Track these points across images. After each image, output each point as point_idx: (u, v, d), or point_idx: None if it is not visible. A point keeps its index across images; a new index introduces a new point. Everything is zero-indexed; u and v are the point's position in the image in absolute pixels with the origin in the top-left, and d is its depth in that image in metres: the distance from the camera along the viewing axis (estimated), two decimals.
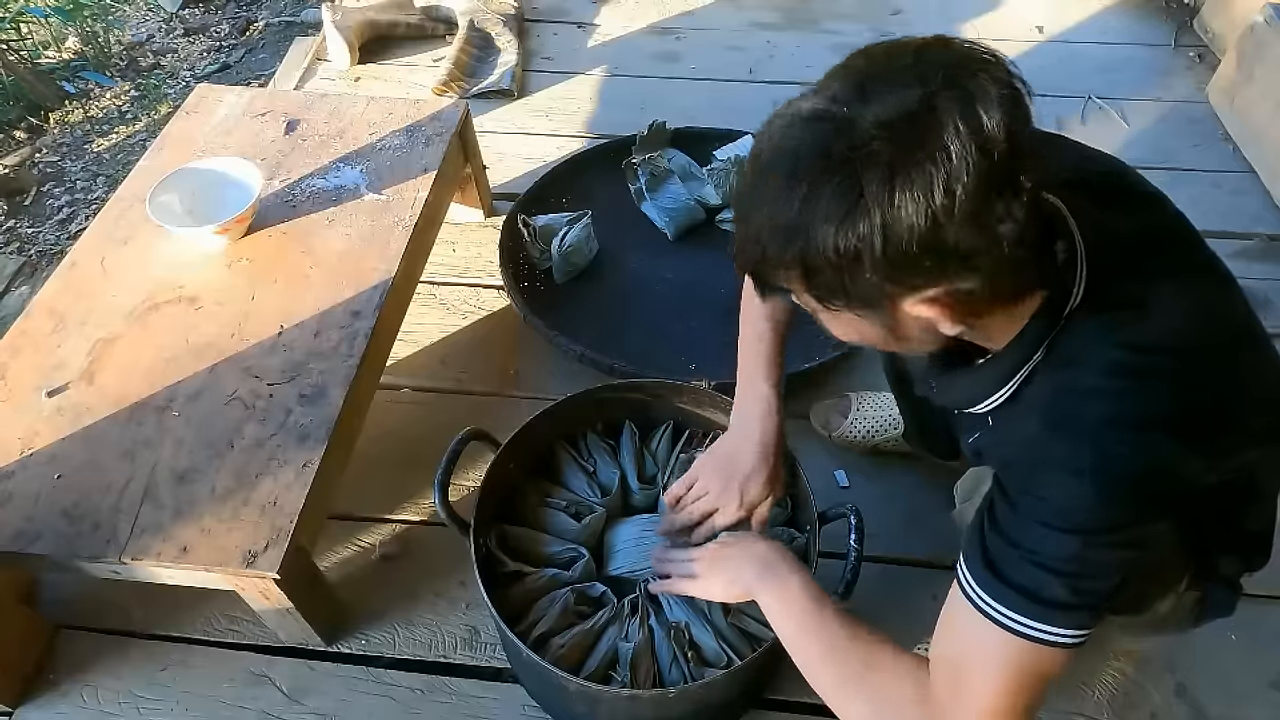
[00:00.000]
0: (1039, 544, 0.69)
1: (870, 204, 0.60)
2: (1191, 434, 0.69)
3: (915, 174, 0.59)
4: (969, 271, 0.64)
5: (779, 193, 0.64)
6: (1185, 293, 0.73)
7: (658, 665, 1.08)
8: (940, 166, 0.59)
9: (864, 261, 0.62)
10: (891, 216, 0.60)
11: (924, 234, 0.60)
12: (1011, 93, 0.61)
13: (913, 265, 0.62)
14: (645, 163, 1.85)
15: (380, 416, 1.44)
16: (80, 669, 1.22)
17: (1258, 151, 1.99)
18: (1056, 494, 0.69)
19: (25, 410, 1.14)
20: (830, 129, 0.62)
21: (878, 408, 1.44)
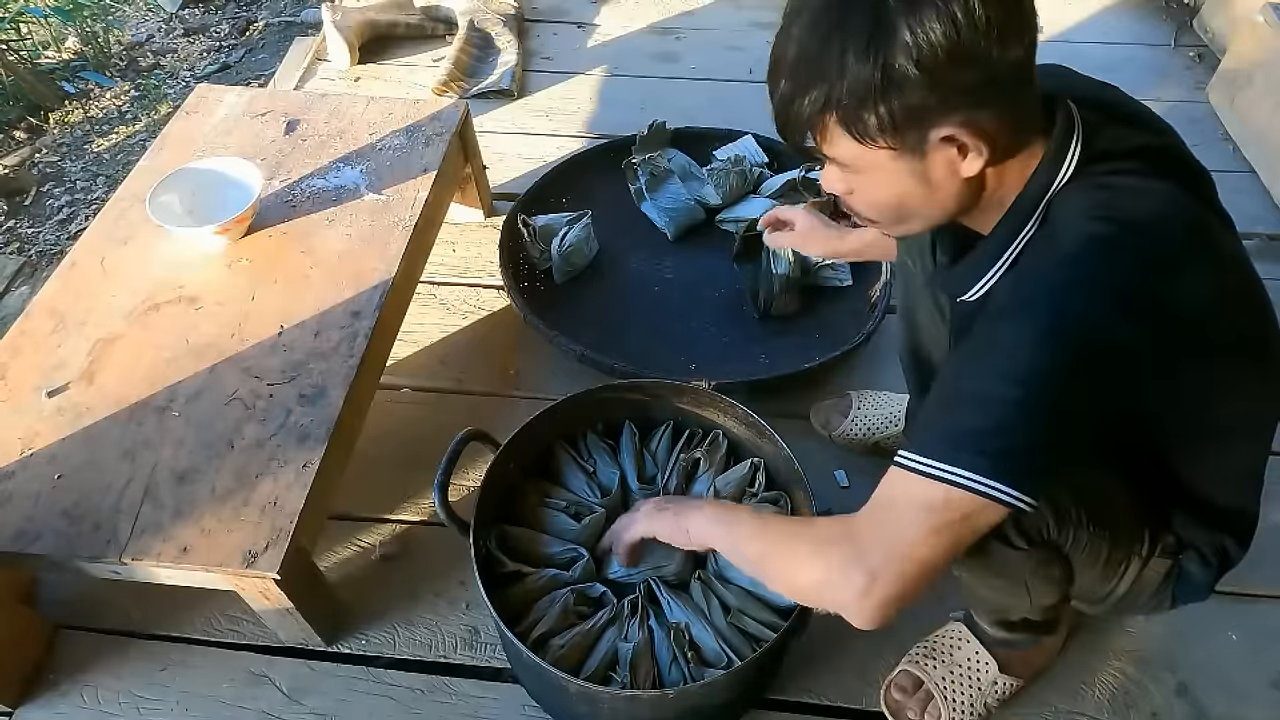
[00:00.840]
0: (974, 387, 0.72)
1: (896, 20, 0.66)
2: (1146, 312, 0.71)
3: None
4: (988, 96, 0.70)
5: (812, 33, 0.70)
6: (1177, 197, 0.74)
7: (657, 666, 1.08)
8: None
9: (896, 78, 0.68)
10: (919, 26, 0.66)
11: (950, 44, 0.66)
12: None
13: (944, 77, 0.67)
14: (645, 163, 1.85)
15: (380, 416, 1.44)
16: (80, 669, 1.22)
17: (1258, 151, 1.99)
18: (1003, 341, 0.72)
19: (25, 410, 1.14)
20: None
21: (878, 407, 1.44)
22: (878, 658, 1.21)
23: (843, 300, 1.69)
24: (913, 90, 0.68)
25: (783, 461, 1.20)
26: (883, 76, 0.68)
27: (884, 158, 0.74)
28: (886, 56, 0.67)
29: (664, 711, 1.07)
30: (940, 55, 0.66)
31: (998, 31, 0.67)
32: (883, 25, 0.67)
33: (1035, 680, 1.19)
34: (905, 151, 0.73)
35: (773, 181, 1.85)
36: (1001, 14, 0.67)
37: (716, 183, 1.81)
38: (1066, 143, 0.76)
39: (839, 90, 0.70)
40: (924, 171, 0.75)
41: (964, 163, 0.73)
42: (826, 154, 0.77)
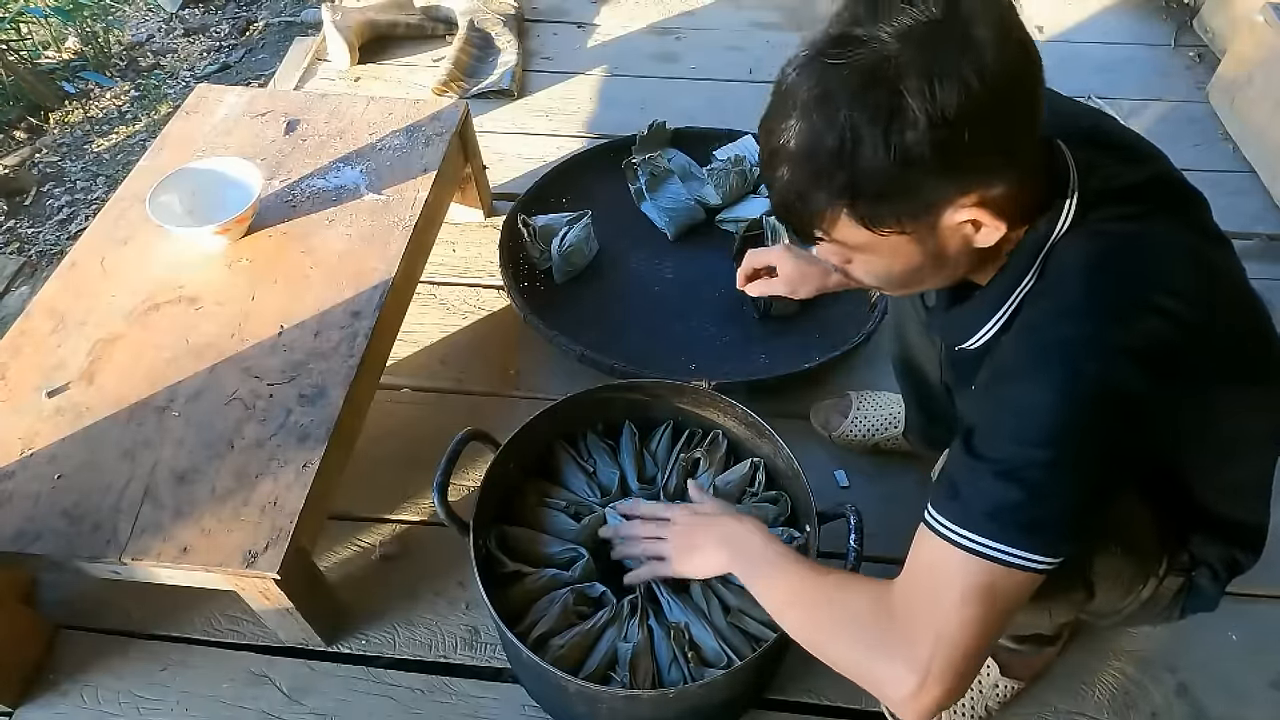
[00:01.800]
0: (1003, 456, 0.70)
1: (913, 105, 0.63)
2: (1159, 365, 0.69)
3: (948, 66, 0.63)
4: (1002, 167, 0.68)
5: (818, 123, 0.67)
6: (1173, 236, 0.74)
7: (657, 665, 1.08)
8: (973, 55, 0.63)
9: (914, 161, 0.65)
10: (935, 114, 0.63)
11: (965, 126, 0.64)
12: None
13: (960, 155, 0.65)
14: (645, 163, 1.85)
15: (380, 416, 1.44)
16: (80, 669, 1.22)
17: (1258, 151, 1.99)
18: (1023, 405, 0.70)
19: (25, 410, 1.14)
20: (858, 49, 0.65)
21: (878, 407, 1.44)
22: None
23: (843, 300, 1.68)
24: (929, 176, 0.67)
25: (783, 461, 1.20)
26: (903, 164, 0.65)
27: (895, 241, 0.72)
28: (904, 143, 0.64)
29: (664, 711, 1.07)
30: (957, 132, 0.64)
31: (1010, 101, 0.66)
32: (899, 110, 0.64)
33: (1035, 681, 1.19)
34: (919, 233, 0.72)
35: None
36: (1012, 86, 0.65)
37: (716, 183, 1.81)
38: (1063, 192, 0.74)
39: (853, 183, 0.68)
40: (937, 248, 0.74)
41: (978, 235, 0.72)
42: (831, 238, 0.75)
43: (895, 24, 0.64)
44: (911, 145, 0.64)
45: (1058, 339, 0.71)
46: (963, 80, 0.63)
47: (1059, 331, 0.71)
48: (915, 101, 0.63)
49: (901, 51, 0.64)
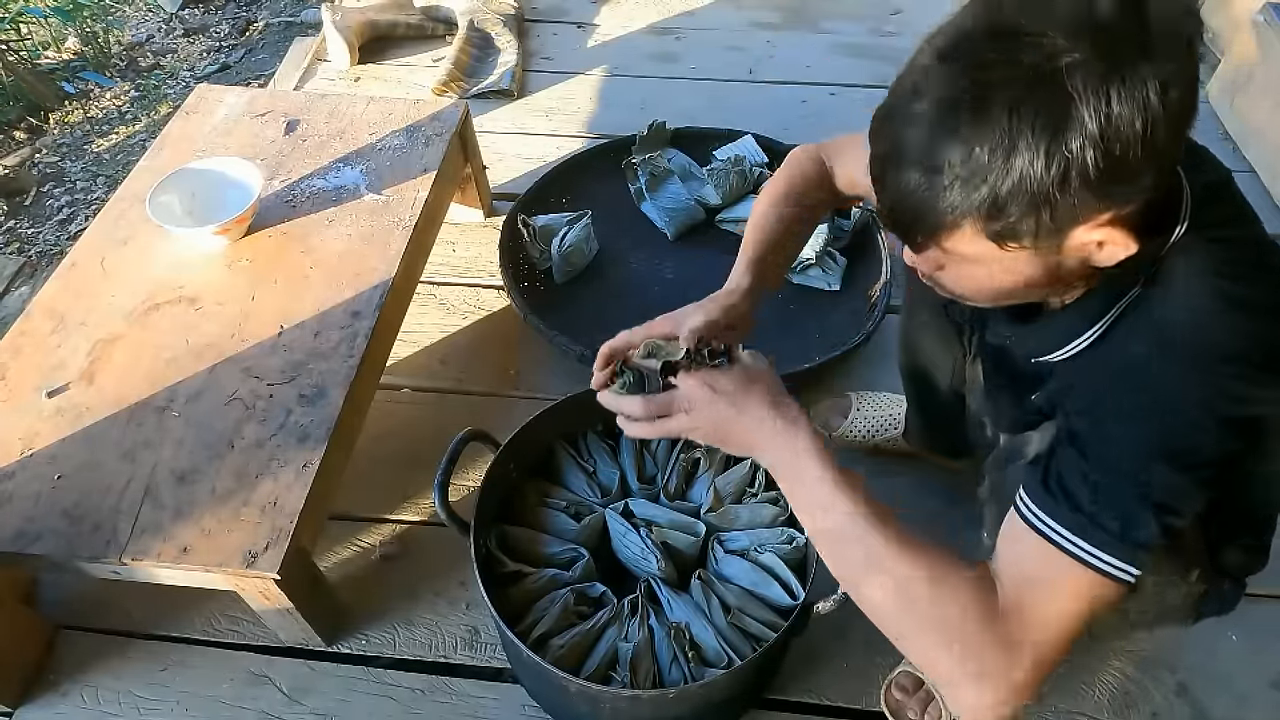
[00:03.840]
0: (1137, 474, 0.66)
1: (1085, 114, 0.56)
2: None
3: (1131, 76, 0.56)
4: (1150, 188, 0.61)
5: (967, 127, 0.59)
6: (1260, 235, 0.72)
7: (658, 665, 1.08)
8: (1156, 65, 0.56)
9: (1071, 180, 0.58)
10: (1110, 126, 0.56)
11: (1138, 142, 0.57)
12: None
13: (1120, 174, 0.59)
14: (645, 163, 1.85)
15: (380, 416, 1.44)
16: (80, 669, 1.22)
17: (1258, 151, 1.99)
18: (1166, 423, 0.66)
19: (25, 410, 1.14)
20: (1017, 44, 0.58)
21: (878, 408, 1.44)
22: (878, 658, 1.21)
23: (843, 300, 1.69)
24: (1082, 195, 0.59)
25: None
26: (1062, 178, 0.58)
27: (1015, 256, 0.65)
28: (1069, 156, 0.57)
29: (664, 711, 1.07)
30: (1125, 151, 0.57)
31: (1186, 119, 0.60)
32: (1069, 118, 0.56)
33: None
34: (1043, 251, 0.65)
35: None
36: (1191, 102, 0.59)
37: (716, 183, 1.81)
38: (1178, 205, 0.70)
39: (996, 199, 0.60)
40: (1055, 265, 0.67)
41: (1101, 253, 0.65)
42: (941, 246, 0.67)
43: (1064, 17, 0.57)
44: (1074, 162, 0.57)
45: (1204, 355, 0.66)
46: (1144, 93, 0.56)
47: (1203, 346, 0.66)
48: (1087, 112, 0.56)
49: (1074, 51, 0.56)
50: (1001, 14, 0.59)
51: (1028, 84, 0.57)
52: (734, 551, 1.17)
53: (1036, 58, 0.57)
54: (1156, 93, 0.56)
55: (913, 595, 0.71)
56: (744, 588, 1.13)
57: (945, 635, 0.70)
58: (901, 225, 0.68)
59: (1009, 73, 0.58)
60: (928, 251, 0.69)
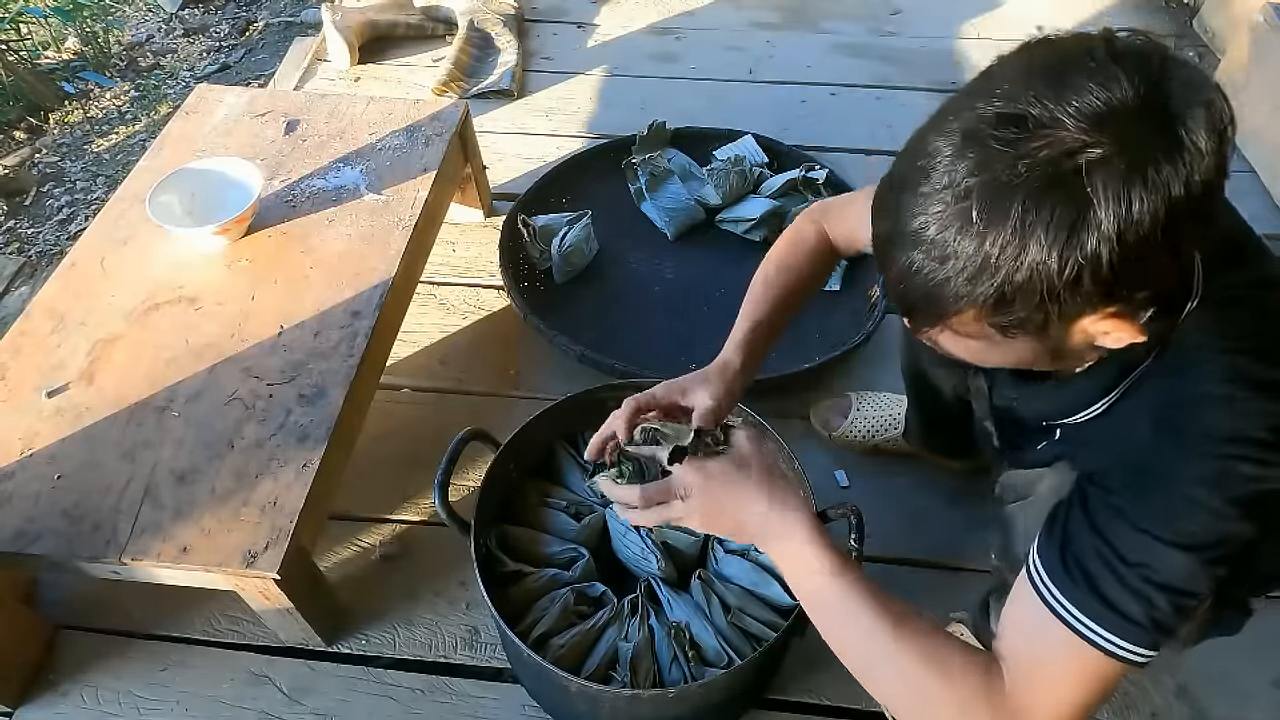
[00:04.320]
0: (1148, 559, 0.65)
1: (1103, 215, 0.53)
2: None
3: (1153, 173, 0.53)
4: (1165, 280, 0.59)
5: (978, 220, 0.56)
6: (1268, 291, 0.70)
7: (658, 665, 1.08)
8: (1181, 162, 0.53)
9: (1084, 281, 0.55)
10: (1127, 227, 0.53)
11: (1155, 242, 0.54)
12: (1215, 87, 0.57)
13: (1133, 277, 0.56)
14: (645, 163, 1.85)
15: (380, 416, 1.44)
16: (80, 669, 1.21)
17: (1258, 151, 1.99)
18: (1177, 506, 0.65)
19: (25, 410, 1.14)
20: (1034, 136, 0.55)
21: (878, 408, 1.44)
22: None
23: (843, 300, 1.69)
24: (1093, 290, 0.56)
25: (783, 461, 1.20)
26: (1074, 279, 0.55)
27: (1017, 343, 0.63)
28: (1081, 258, 0.54)
29: (664, 711, 1.07)
30: (1143, 250, 0.54)
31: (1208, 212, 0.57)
32: (1085, 219, 0.54)
33: None
34: (1048, 337, 0.63)
35: (773, 181, 1.85)
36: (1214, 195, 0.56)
37: (716, 183, 1.81)
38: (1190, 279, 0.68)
39: (1003, 295, 0.57)
40: (1058, 349, 0.66)
41: (1107, 339, 0.63)
42: (945, 325, 0.64)
43: (1083, 107, 0.54)
44: (1087, 263, 0.54)
45: (1207, 434, 0.65)
46: (1164, 196, 0.53)
47: (1208, 425, 0.65)
48: (1105, 213, 0.53)
49: (1092, 145, 0.53)
50: (1017, 100, 0.56)
51: (1045, 181, 0.54)
52: (734, 551, 1.17)
53: (1056, 152, 0.54)
54: (1181, 190, 0.54)
55: (923, 688, 0.71)
56: (744, 587, 1.14)
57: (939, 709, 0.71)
58: (904, 305, 0.65)
59: (1026, 167, 0.55)
60: (929, 331, 0.68)
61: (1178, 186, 0.54)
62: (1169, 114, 0.54)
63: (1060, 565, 0.68)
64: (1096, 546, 0.67)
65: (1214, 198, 0.57)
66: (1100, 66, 0.55)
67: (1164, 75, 0.55)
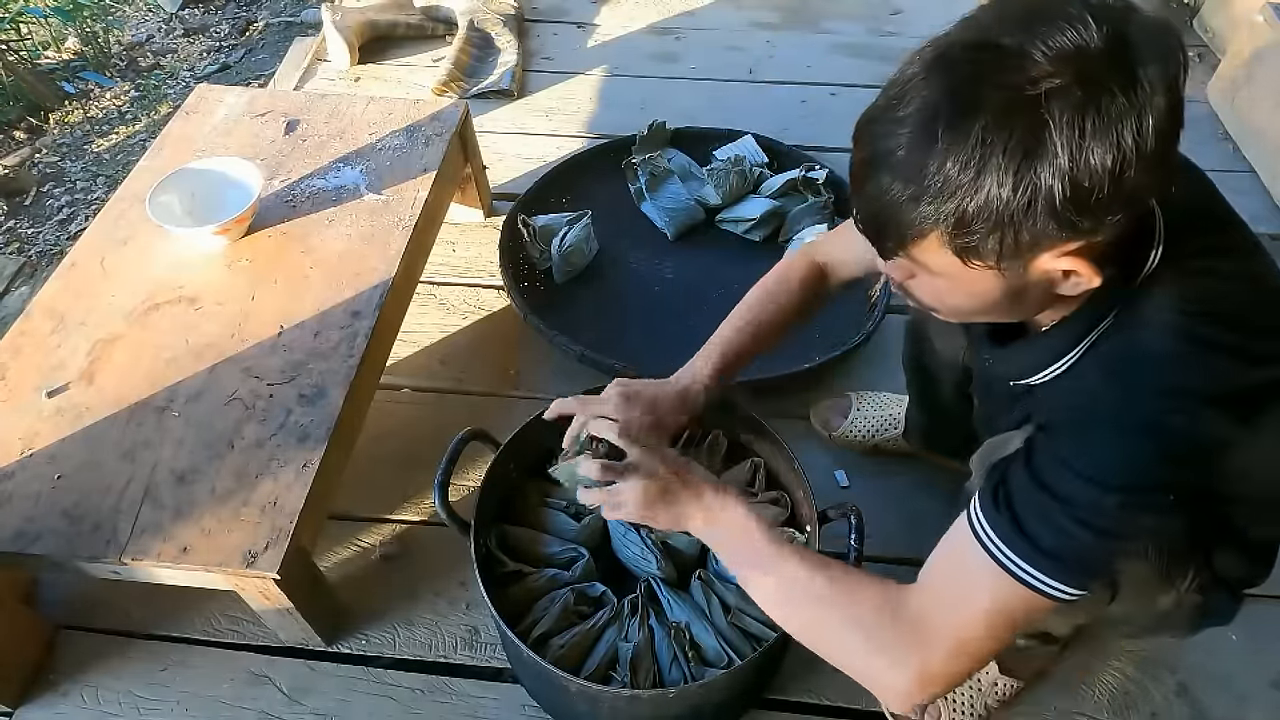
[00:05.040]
0: (1074, 496, 0.67)
1: (1059, 143, 0.57)
2: (1247, 415, 0.67)
3: (1106, 111, 0.56)
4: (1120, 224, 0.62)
5: (943, 139, 0.59)
6: (1240, 265, 0.72)
7: (658, 665, 1.08)
8: (1135, 98, 0.57)
9: (1037, 207, 0.59)
10: (1080, 159, 0.57)
11: (1107, 179, 0.58)
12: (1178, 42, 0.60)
13: (1086, 211, 0.59)
14: (645, 163, 1.85)
15: (380, 416, 1.44)
16: (80, 669, 1.21)
17: (1258, 151, 1.99)
18: (1105, 449, 0.67)
19: (25, 410, 1.14)
20: (1002, 63, 0.58)
21: (878, 408, 1.44)
22: None
23: (843, 301, 1.68)
24: (1045, 221, 0.60)
25: (783, 461, 1.20)
26: (1027, 204, 0.59)
27: (980, 275, 0.66)
28: (1036, 183, 0.58)
29: (664, 711, 1.07)
30: (1093, 186, 0.58)
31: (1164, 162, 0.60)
32: (1041, 145, 0.57)
33: (1035, 680, 1.19)
34: (1007, 274, 0.66)
35: (773, 181, 1.85)
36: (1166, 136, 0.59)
37: (716, 183, 1.81)
38: (1150, 240, 0.70)
39: (963, 214, 0.61)
40: (1019, 290, 0.68)
41: (1066, 283, 0.67)
42: (910, 256, 0.68)
43: (1052, 43, 0.57)
44: (1040, 190, 0.58)
45: (1146, 385, 0.67)
46: (1118, 133, 0.57)
47: (1149, 377, 0.68)
48: (1060, 142, 0.57)
49: (1056, 78, 0.57)
50: (991, 31, 0.60)
51: (1007, 104, 0.57)
52: None
53: (1019, 79, 0.57)
54: (1132, 131, 0.57)
55: (819, 605, 0.79)
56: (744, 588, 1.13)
57: (856, 636, 0.77)
58: (873, 229, 0.69)
59: (990, 91, 0.58)
60: (900, 262, 0.70)
61: (1130, 122, 0.57)
62: (1129, 55, 0.58)
63: (991, 498, 0.72)
64: (1027, 483, 0.70)
65: (1168, 142, 0.60)
66: (1075, 13, 0.58)
67: (1129, 23, 0.59)
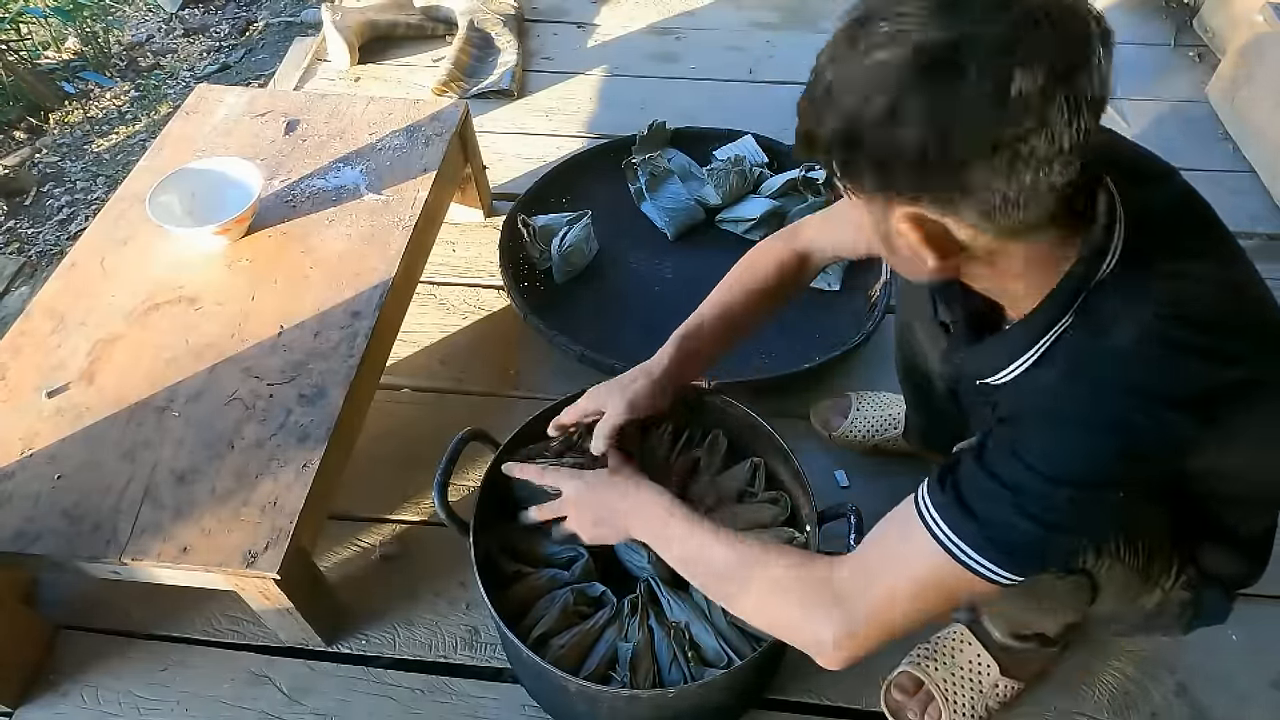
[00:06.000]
0: (1022, 485, 0.69)
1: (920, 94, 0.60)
2: (1211, 418, 0.67)
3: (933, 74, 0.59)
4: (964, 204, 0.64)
5: (836, 59, 0.65)
6: (1215, 270, 0.72)
7: (657, 665, 1.08)
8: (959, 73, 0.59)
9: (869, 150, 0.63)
10: (939, 106, 0.60)
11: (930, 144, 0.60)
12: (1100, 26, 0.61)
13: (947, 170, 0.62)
14: (645, 163, 1.85)
15: (380, 416, 1.44)
16: (80, 669, 1.22)
17: (1258, 151, 1.99)
18: (1060, 444, 0.69)
19: (25, 410, 1.14)
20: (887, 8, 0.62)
21: (878, 408, 1.44)
22: (878, 658, 1.20)
23: (843, 300, 1.69)
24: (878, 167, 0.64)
25: (783, 461, 1.20)
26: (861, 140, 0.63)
27: (863, 208, 0.71)
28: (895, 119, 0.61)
29: (664, 711, 1.07)
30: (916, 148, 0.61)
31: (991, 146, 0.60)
32: (907, 86, 0.60)
33: (1035, 681, 1.19)
34: (871, 212, 0.70)
35: (773, 181, 1.85)
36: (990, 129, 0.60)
37: (716, 183, 1.81)
38: (1110, 229, 0.70)
39: (846, 125, 0.64)
40: (887, 236, 0.72)
41: (925, 252, 0.69)
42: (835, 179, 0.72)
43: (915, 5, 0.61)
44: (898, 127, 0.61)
45: (1108, 383, 0.68)
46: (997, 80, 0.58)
47: (1111, 376, 0.68)
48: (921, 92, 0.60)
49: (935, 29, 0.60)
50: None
51: (891, 36, 0.61)
52: None
53: (915, 24, 0.60)
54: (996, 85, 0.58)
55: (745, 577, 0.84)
56: None
57: (781, 599, 0.82)
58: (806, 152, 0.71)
59: (866, 35, 0.62)
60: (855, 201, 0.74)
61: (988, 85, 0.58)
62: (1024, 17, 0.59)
63: (939, 480, 0.74)
64: (976, 470, 0.72)
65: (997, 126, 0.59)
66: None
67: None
